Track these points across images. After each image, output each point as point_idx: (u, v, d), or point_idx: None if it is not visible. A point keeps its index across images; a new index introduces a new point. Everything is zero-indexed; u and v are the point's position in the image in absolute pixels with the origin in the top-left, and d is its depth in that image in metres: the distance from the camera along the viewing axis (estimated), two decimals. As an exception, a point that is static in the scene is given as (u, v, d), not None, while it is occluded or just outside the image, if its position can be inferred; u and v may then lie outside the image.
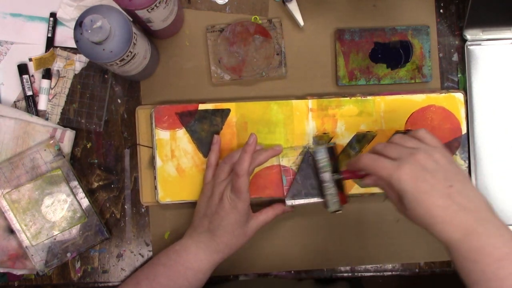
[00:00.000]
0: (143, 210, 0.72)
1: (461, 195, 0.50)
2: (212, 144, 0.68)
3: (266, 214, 0.66)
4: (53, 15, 0.71)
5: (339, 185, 0.66)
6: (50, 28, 0.71)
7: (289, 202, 0.67)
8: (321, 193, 0.66)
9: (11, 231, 0.69)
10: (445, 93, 0.70)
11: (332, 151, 0.66)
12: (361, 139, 0.69)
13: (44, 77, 0.71)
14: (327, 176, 0.65)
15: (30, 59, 0.71)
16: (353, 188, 0.69)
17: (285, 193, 0.67)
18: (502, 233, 0.49)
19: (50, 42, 0.71)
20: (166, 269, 0.63)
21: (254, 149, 0.62)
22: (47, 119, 0.71)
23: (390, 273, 0.72)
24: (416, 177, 0.50)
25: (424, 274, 0.72)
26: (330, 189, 0.65)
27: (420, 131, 0.56)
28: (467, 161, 0.69)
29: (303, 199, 0.67)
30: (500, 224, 0.50)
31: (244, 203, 0.62)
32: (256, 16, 0.72)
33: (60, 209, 0.69)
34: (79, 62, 0.72)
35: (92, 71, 0.72)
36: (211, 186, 0.65)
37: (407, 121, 0.69)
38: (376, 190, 0.69)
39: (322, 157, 0.65)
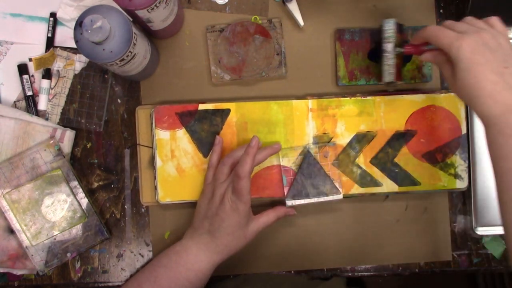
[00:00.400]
0: (143, 210, 0.72)
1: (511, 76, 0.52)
2: (214, 144, 0.68)
3: (267, 217, 0.65)
4: (53, 15, 0.71)
5: (398, 62, 0.66)
6: (50, 28, 0.71)
7: (289, 203, 0.67)
8: (380, 62, 0.66)
9: (11, 231, 0.69)
10: (445, 93, 0.70)
11: (400, 28, 0.66)
12: (361, 139, 0.69)
13: (44, 77, 0.71)
14: (389, 46, 0.65)
15: (30, 59, 0.71)
16: (353, 188, 0.69)
17: (285, 193, 0.67)
18: None
19: (50, 42, 0.71)
20: (167, 270, 0.63)
21: (256, 152, 0.61)
22: (47, 119, 0.71)
23: (390, 273, 0.72)
24: (475, 48, 0.52)
25: (424, 274, 0.73)
26: (389, 60, 0.65)
27: (492, 18, 0.57)
28: (467, 161, 0.70)
29: (303, 199, 0.67)
30: None
31: (245, 205, 0.61)
32: (256, 16, 0.72)
33: (60, 209, 0.69)
34: (79, 62, 0.72)
35: (92, 71, 0.72)
36: (212, 187, 0.65)
37: (407, 121, 0.69)
38: (376, 190, 0.69)
39: (390, 28, 0.65)
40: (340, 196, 0.67)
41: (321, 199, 0.67)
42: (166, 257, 0.64)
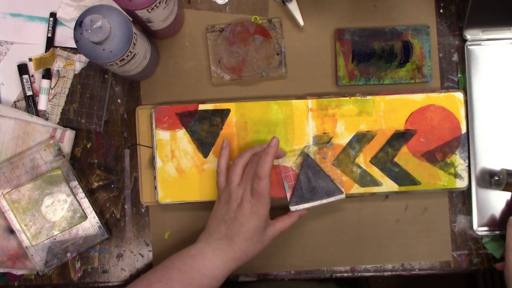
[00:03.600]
0: (143, 210, 0.72)
1: None
2: (221, 148, 0.67)
3: (284, 222, 0.64)
4: (53, 15, 0.71)
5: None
6: (50, 28, 0.71)
7: (293, 208, 0.66)
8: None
9: (11, 231, 0.69)
10: (445, 92, 0.70)
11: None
12: (361, 139, 0.69)
13: (44, 77, 0.71)
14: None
15: (30, 59, 0.71)
16: (353, 187, 0.69)
17: (288, 199, 0.67)
18: None
19: (50, 42, 0.71)
20: (181, 274, 0.60)
21: (276, 152, 0.61)
22: (47, 119, 0.71)
23: (390, 273, 0.72)
24: None
25: (424, 274, 0.72)
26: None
27: None
28: (466, 161, 0.70)
29: (307, 203, 0.67)
30: None
31: (266, 207, 0.60)
32: (256, 16, 0.72)
33: (60, 209, 0.69)
34: (79, 62, 0.72)
35: (92, 71, 0.72)
36: (227, 191, 0.63)
37: (406, 120, 0.69)
38: (376, 189, 0.69)
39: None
40: (343, 196, 0.67)
41: (324, 201, 0.67)
42: (180, 260, 0.61)
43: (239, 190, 0.62)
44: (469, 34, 0.71)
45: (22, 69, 0.71)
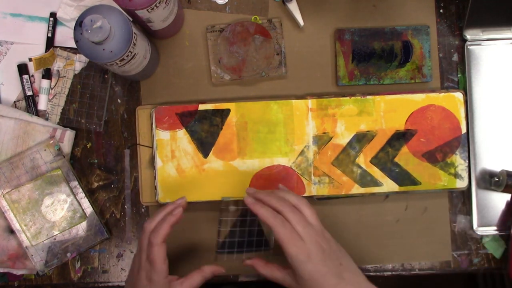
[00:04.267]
0: (143, 210, 0.72)
1: (348, 271, 0.57)
2: (171, 208, 0.61)
3: (191, 279, 0.60)
4: (53, 15, 0.71)
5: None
6: (50, 28, 0.71)
7: (221, 254, 0.65)
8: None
9: (11, 231, 0.69)
10: (445, 92, 0.70)
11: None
12: (361, 139, 0.69)
13: (44, 77, 0.71)
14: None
15: (30, 59, 0.71)
16: (353, 188, 0.69)
17: (219, 242, 0.65)
18: None
19: (50, 42, 0.71)
20: None
21: (176, 220, 0.59)
22: (47, 119, 0.71)
23: (390, 273, 0.72)
24: (316, 260, 0.55)
25: (424, 274, 0.72)
26: None
27: (304, 206, 0.58)
28: (466, 161, 0.69)
29: (234, 252, 0.66)
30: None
31: (159, 274, 0.57)
32: (256, 16, 0.72)
33: (60, 209, 0.69)
34: (79, 62, 0.72)
35: (92, 71, 0.72)
36: (137, 255, 0.61)
37: (407, 120, 0.69)
38: (376, 190, 0.69)
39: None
40: (270, 251, 0.67)
41: (251, 253, 0.66)
42: None
43: (140, 255, 0.59)
44: (469, 34, 0.71)
45: (22, 69, 0.71)
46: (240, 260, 0.64)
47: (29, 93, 0.71)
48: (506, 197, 0.70)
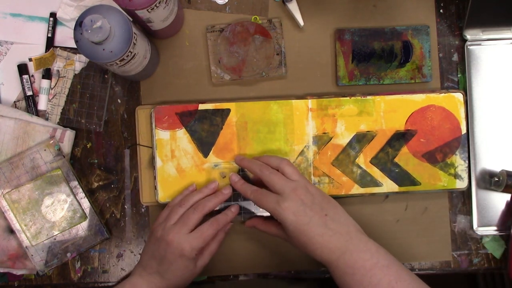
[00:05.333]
0: (143, 210, 0.72)
1: (334, 222, 0.59)
2: (205, 187, 0.67)
3: (211, 248, 0.66)
4: (53, 15, 0.71)
5: None
6: (50, 28, 0.71)
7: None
8: None
9: (11, 231, 0.69)
10: (445, 93, 0.70)
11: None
12: (361, 139, 0.69)
13: (44, 77, 0.71)
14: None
15: (30, 59, 0.71)
16: (353, 188, 0.69)
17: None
18: (369, 247, 0.58)
19: (50, 42, 0.71)
20: None
21: (224, 199, 0.65)
22: (47, 119, 0.71)
23: (390, 273, 0.72)
24: (297, 211, 0.58)
25: (424, 274, 0.72)
26: None
27: (286, 166, 0.63)
28: (466, 161, 0.69)
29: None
30: (366, 240, 0.59)
31: (192, 250, 0.61)
32: (256, 16, 0.72)
33: (60, 209, 0.69)
34: (79, 62, 0.72)
35: (92, 71, 0.72)
36: (162, 228, 0.63)
37: (407, 120, 0.69)
38: (376, 190, 0.69)
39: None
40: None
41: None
42: None
43: (171, 229, 0.62)
44: (469, 34, 0.71)
45: (22, 69, 0.71)
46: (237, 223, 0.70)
47: (29, 93, 0.71)
48: (506, 197, 0.70)
